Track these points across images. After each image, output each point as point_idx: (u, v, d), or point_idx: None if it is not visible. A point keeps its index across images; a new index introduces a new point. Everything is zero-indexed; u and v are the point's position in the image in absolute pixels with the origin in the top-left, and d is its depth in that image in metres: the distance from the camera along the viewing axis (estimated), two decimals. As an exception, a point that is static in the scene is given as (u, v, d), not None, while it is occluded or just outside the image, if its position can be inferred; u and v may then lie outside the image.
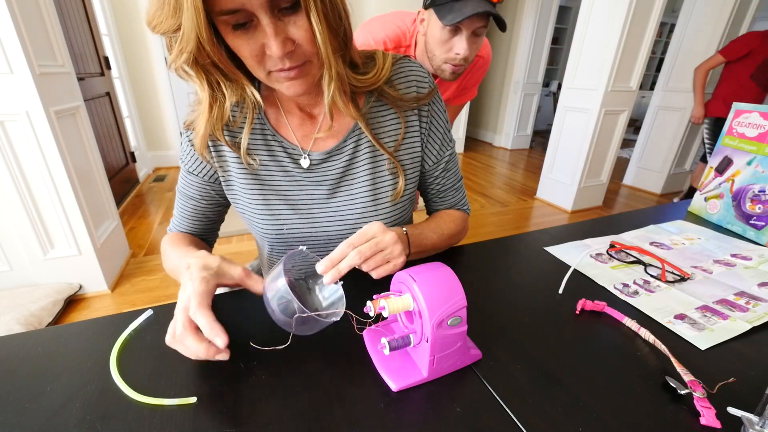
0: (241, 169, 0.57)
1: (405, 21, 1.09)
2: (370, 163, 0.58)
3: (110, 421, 0.34)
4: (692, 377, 0.38)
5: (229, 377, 0.39)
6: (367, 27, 1.12)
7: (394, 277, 0.41)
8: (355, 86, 0.53)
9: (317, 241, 0.60)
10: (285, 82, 0.46)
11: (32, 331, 0.47)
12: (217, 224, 0.68)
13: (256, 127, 0.56)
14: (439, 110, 0.62)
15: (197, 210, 0.62)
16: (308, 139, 0.57)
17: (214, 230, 0.68)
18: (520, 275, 0.61)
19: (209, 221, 0.65)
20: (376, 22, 1.12)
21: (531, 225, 2.68)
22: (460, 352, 0.39)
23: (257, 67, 0.45)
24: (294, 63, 0.43)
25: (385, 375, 0.39)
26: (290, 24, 0.41)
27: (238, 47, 0.42)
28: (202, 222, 0.64)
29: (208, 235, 0.67)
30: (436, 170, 0.64)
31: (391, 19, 1.11)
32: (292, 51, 0.42)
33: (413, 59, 0.61)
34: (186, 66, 0.43)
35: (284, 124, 0.57)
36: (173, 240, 0.60)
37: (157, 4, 0.38)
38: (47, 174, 1.48)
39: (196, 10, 0.36)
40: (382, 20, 1.12)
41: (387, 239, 0.46)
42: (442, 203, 0.69)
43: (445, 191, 0.67)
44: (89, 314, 1.59)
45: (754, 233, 0.75)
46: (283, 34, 0.41)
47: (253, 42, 0.41)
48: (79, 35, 2.29)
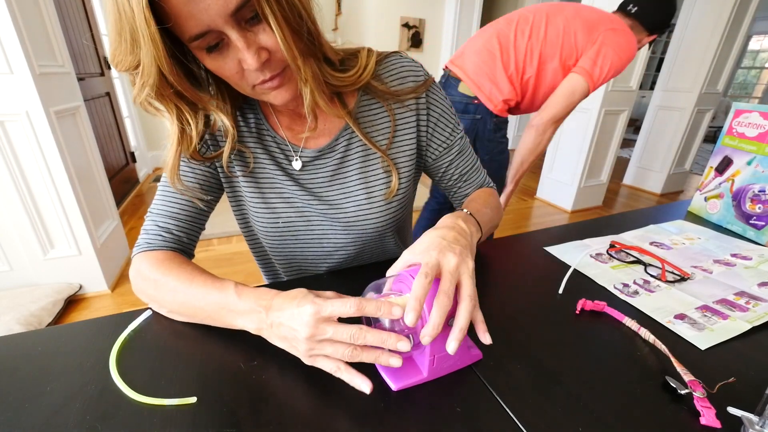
0: (239, 161, 0.57)
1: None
2: (362, 161, 0.58)
3: (110, 421, 0.34)
4: (692, 377, 0.38)
5: (229, 377, 0.39)
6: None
7: (396, 277, 0.41)
8: (335, 85, 0.52)
9: (313, 236, 0.60)
10: (270, 93, 0.46)
11: (32, 331, 0.47)
12: (202, 226, 0.59)
13: (251, 123, 0.57)
14: (437, 98, 0.61)
15: (189, 202, 0.55)
16: (299, 138, 0.58)
17: (197, 235, 0.59)
18: (520, 275, 0.61)
19: (197, 219, 0.57)
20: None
21: (531, 225, 2.68)
22: (460, 352, 0.39)
23: (241, 84, 0.44)
24: (273, 72, 0.43)
25: (384, 375, 0.39)
26: (260, 33, 0.40)
27: (217, 69, 0.42)
28: (190, 220, 0.56)
29: (190, 243, 0.58)
30: (450, 154, 0.63)
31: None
32: (268, 60, 0.42)
33: (404, 54, 0.59)
34: (151, 98, 0.42)
35: (275, 122, 0.57)
36: (167, 264, 0.49)
37: (116, 42, 0.38)
38: (47, 174, 1.48)
39: (154, 42, 0.36)
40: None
41: (453, 262, 0.38)
42: (469, 186, 0.67)
43: (468, 173, 0.66)
44: (89, 314, 1.59)
45: (754, 233, 0.75)
46: (255, 45, 0.40)
47: (230, 60, 0.41)
48: (79, 35, 2.29)
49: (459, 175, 0.66)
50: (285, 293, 0.40)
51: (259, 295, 0.41)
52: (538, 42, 1.17)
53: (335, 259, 0.63)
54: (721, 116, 5.33)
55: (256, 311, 0.40)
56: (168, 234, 0.54)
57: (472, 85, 1.23)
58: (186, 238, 0.56)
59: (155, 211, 0.55)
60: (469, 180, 0.67)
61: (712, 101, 3.06)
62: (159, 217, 0.54)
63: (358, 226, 0.59)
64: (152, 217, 0.55)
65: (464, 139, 0.65)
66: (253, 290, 0.43)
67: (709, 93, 3.00)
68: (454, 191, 0.68)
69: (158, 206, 0.55)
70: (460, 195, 0.68)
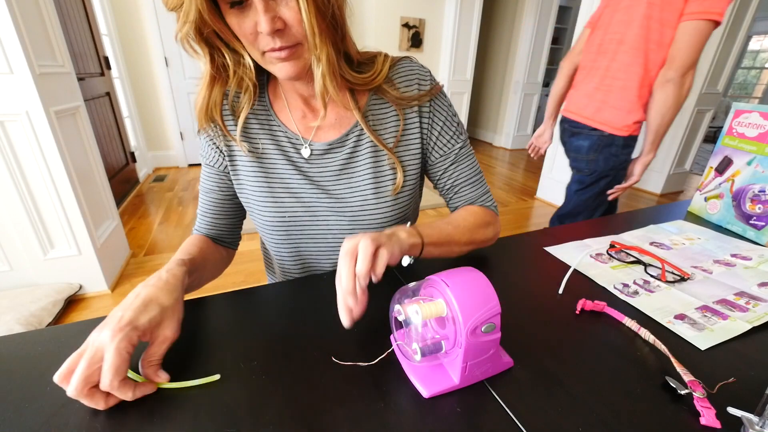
0: (247, 156, 0.59)
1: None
2: (372, 158, 0.60)
3: (110, 420, 0.34)
4: (692, 377, 0.38)
5: (229, 377, 0.39)
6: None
7: (425, 281, 0.40)
8: (350, 82, 0.55)
9: (318, 230, 0.61)
10: (277, 63, 0.48)
11: (32, 331, 0.47)
12: (237, 221, 0.69)
13: (261, 115, 0.60)
14: (442, 105, 0.63)
15: (216, 204, 0.64)
16: (310, 130, 0.60)
17: (235, 229, 0.69)
18: (520, 275, 0.61)
19: (227, 217, 0.66)
20: None
21: (531, 225, 2.68)
22: (493, 360, 0.39)
23: (252, 47, 0.47)
24: (285, 43, 0.46)
25: (416, 382, 0.39)
26: (282, 4, 0.44)
27: (234, 25, 0.45)
28: (221, 218, 0.66)
29: (228, 235, 0.68)
30: (445, 162, 0.64)
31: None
32: (282, 30, 0.45)
33: (414, 60, 0.62)
34: (191, 37, 0.47)
35: (287, 115, 0.60)
36: (187, 242, 0.61)
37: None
38: (47, 174, 1.48)
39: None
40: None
41: (356, 237, 0.43)
42: (460, 199, 0.66)
43: (460, 185, 0.65)
44: (89, 314, 1.59)
45: (754, 233, 0.75)
46: (273, 12, 0.43)
47: (248, 20, 0.44)
48: (79, 35, 2.29)
49: (450, 185, 0.66)
50: (142, 297, 0.40)
51: (153, 277, 0.44)
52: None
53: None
54: (721, 116, 5.33)
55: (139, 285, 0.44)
56: (202, 226, 0.66)
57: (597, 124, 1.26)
58: (217, 230, 0.66)
59: (198, 206, 0.66)
60: (460, 192, 0.66)
61: (712, 101, 3.06)
62: (199, 213, 0.66)
63: (364, 220, 0.61)
64: (197, 210, 0.67)
65: (463, 150, 0.64)
66: (165, 273, 0.45)
67: (709, 93, 3.00)
68: (447, 200, 0.69)
69: (199, 203, 0.66)
70: (453, 206, 0.68)
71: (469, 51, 3.95)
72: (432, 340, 0.38)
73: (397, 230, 0.48)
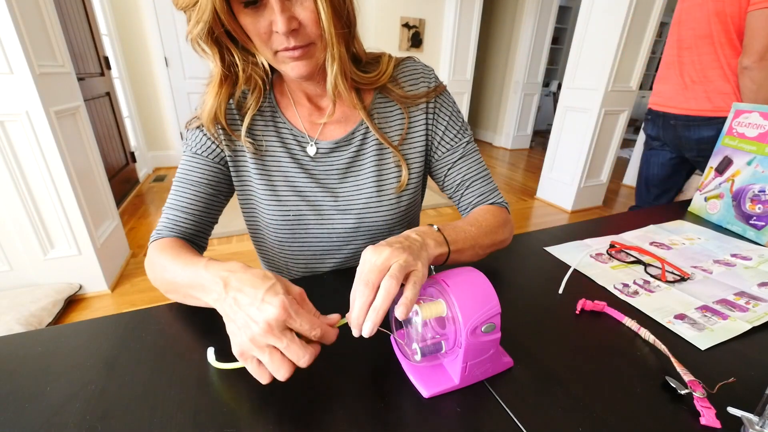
0: (251, 154, 0.59)
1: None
2: (377, 156, 0.61)
3: (110, 421, 0.34)
4: (692, 377, 0.38)
5: (229, 377, 0.39)
6: None
7: (425, 282, 0.39)
8: (356, 81, 0.56)
9: (322, 229, 0.61)
10: (290, 63, 0.49)
11: (32, 331, 0.47)
12: (213, 220, 0.62)
13: (266, 113, 0.60)
14: (446, 102, 0.64)
15: (197, 197, 0.57)
16: (316, 128, 0.61)
17: (208, 229, 0.62)
18: (520, 275, 0.61)
19: (205, 213, 0.59)
20: None
21: (531, 225, 2.68)
22: (493, 359, 0.39)
23: (264, 47, 0.48)
24: (299, 43, 0.46)
25: (415, 382, 0.39)
26: (297, 5, 0.44)
27: (247, 25, 0.46)
28: (198, 214, 0.58)
29: (200, 235, 0.60)
30: (453, 156, 0.64)
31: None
32: (297, 30, 0.45)
33: (417, 60, 0.64)
34: (201, 38, 0.46)
35: (293, 113, 0.60)
36: (167, 248, 0.51)
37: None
38: (47, 174, 1.48)
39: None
40: None
41: (383, 256, 0.37)
42: (471, 194, 0.64)
43: (471, 180, 0.64)
44: (89, 314, 1.59)
45: (754, 233, 0.75)
46: (289, 12, 0.44)
47: (262, 20, 0.44)
48: (79, 35, 2.29)
49: (461, 180, 0.64)
50: (250, 272, 0.37)
51: (223, 267, 0.39)
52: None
53: (343, 255, 0.64)
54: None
55: (215, 281, 0.38)
56: (176, 225, 0.57)
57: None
58: (193, 229, 0.58)
59: (168, 203, 0.58)
60: (471, 187, 0.64)
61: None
62: (170, 210, 0.57)
63: (368, 218, 0.61)
64: (165, 209, 0.58)
65: (470, 145, 0.65)
66: (220, 263, 0.41)
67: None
68: (458, 197, 0.66)
69: (170, 199, 0.58)
70: (464, 203, 0.65)
71: (469, 51, 3.94)
72: (432, 340, 0.38)
73: (426, 238, 0.43)
